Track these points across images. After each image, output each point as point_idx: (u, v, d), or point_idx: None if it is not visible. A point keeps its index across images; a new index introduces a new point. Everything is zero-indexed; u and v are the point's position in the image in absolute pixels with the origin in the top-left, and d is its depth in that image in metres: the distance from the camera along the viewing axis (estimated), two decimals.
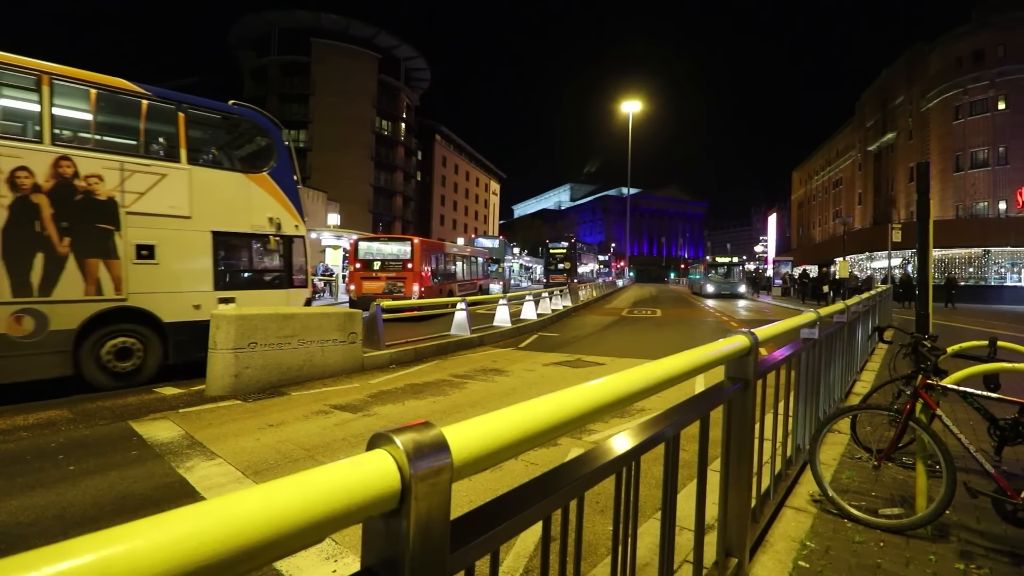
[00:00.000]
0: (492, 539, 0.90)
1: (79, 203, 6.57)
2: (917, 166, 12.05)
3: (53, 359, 6.30)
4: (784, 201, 75.20)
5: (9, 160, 6.07)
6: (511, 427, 0.92)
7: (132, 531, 0.49)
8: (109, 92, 7.01)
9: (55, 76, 6.49)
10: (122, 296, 6.90)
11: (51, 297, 6.35)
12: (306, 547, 0.62)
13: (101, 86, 6.91)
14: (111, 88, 7.01)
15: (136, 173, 7.01)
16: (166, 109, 7.48)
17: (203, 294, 7.66)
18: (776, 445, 2.85)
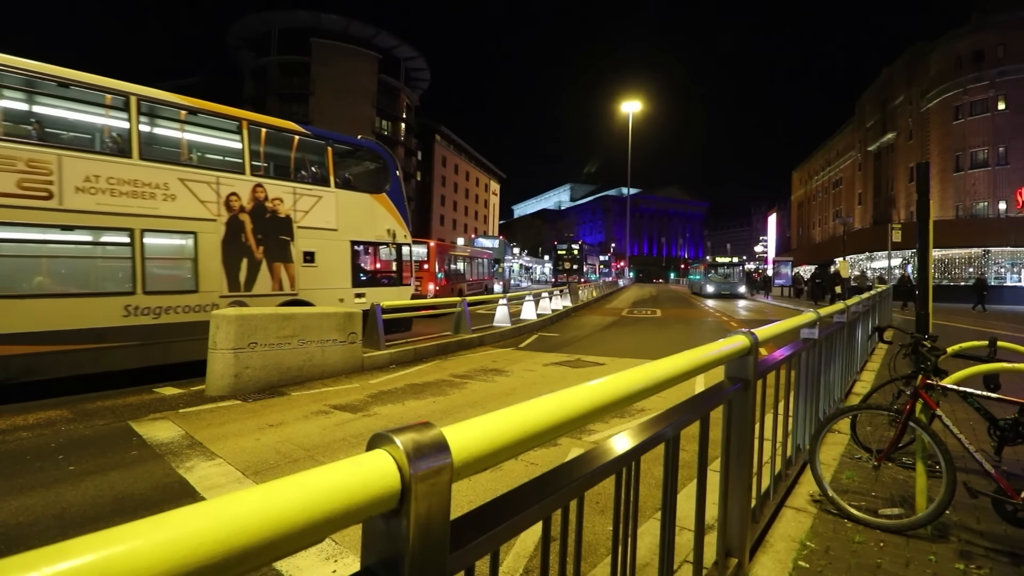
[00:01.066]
0: (492, 539, 0.90)
1: (268, 220, 8.53)
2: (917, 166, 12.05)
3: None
4: (784, 201, 75.22)
5: (225, 188, 7.97)
6: (511, 427, 0.92)
7: (132, 531, 0.49)
8: (284, 132, 9.16)
9: (250, 121, 8.52)
10: (295, 291, 8.88)
11: (252, 292, 8.30)
12: (306, 547, 0.62)
13: (281, 128, 9.11)
14: (286, 129, 9.17)
15: (303, 196, 9.03)
16: (320, 145, 9.59)
17: (344, 290, 9.69)
18: (776, 445, 2.85)
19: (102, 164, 6.86)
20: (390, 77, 49.79)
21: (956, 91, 32.34)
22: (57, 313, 6.30)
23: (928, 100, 34.06)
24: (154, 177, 7.28)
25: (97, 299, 6.79)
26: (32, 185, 6.27)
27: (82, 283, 7.04)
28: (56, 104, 7.36)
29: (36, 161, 6.31)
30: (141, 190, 7.16)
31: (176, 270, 7.82)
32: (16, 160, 6.16)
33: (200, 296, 7.69)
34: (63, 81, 6.81)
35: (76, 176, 6.60)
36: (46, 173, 6.38)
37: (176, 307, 7.44)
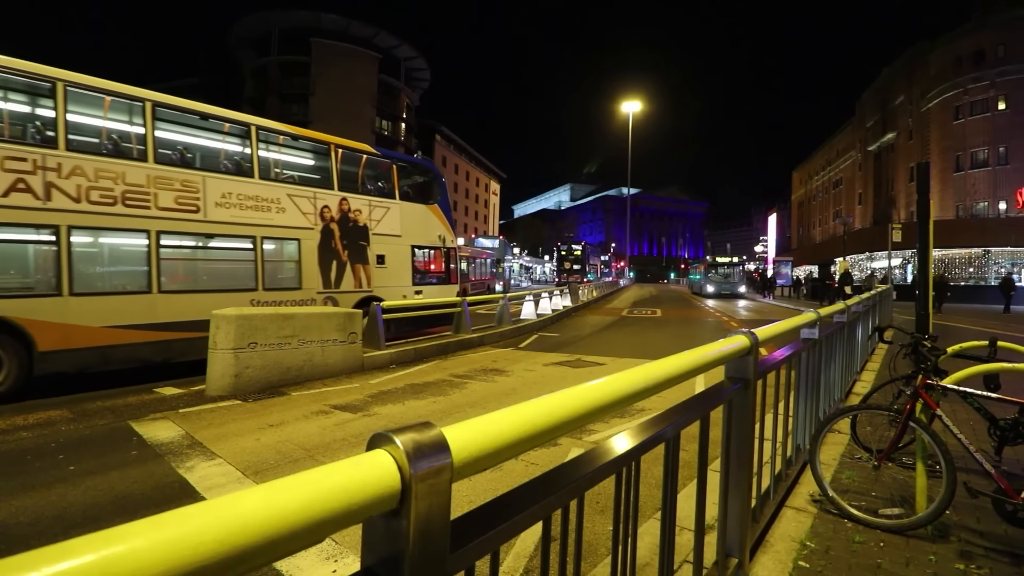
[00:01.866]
0: (492, 539, 0.90)
1: (351, 228, 10.17)
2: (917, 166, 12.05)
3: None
4: (784, 201, 75.19)
5: (320, 201, 9.63)
6: (511, 427, 0.92)
7: (132, 531, 0.49)
8: (361, 153, 10.86)
9: (336, 144, 10.18)
10: (371, 288, 10.54)
11: (339, 289, 9.94)
12: (306, 547, 0.62)
13: (358, 150, 10.76)
14: (362, 151, 10.90)
15: (376, 207, 10.70)
16: (387, 163, 11.47)
17: (406, 287, 11.39)
18: (776, 445, 2.85)
19: (233, 183, 8.41)
20: (390, 77, 49.79)
21: (956, 91, 32.34)
22: (207, 306, 7.27)
23: (928, 100, 34.05)
24: (270, 193, 8.88)
25: (233, 294, 8.24)
26: (185, 201, 7.77)
27: (222, 281, 8.46)
28: (196, 133, 8.71)
29: (188, 182, 7.82)
30: (260, 204, 8.72)
31: (285, 271, 9.32)
32: (174, 181, 7.66)
33: (303, 292, 9.27)
34: (204, 114, 8.39)
35: (215, 194, 8.12)
36: (195, 192, 7.87)
37: (285, 301, 8.93)
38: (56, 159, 6.62)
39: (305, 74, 45.02)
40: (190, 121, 8.43)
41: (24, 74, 6.62)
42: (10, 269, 6.88)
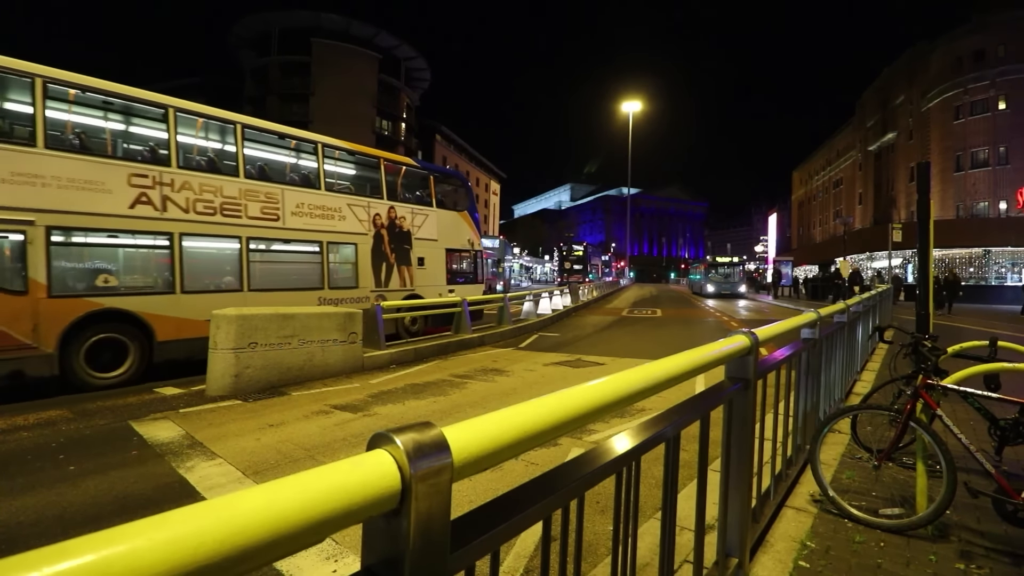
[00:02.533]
0: (492, 539, 0.90)
1: (397, 233, 11.43)
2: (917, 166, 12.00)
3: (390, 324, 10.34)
4: (784, 201, 75.16)
5: (372, 209, 10.91)
6: (511, 427, 0.92)
7: (132, 531, 0.49)
8: (404, 165, 12.29)
9: (384, 158, 11.49)
10: (413, 287, 11.76)
11: (388, 287, 11.16)
12: (306, 547, 0.62)
13: (402, 163, 12.28)
14: (404, 163, 12.44)
15: (417, 214, 11.98)
16: (425, 174, 12.94)
17: (441, 286, 12.62)
18: (776, 445, 2.85)
19: (304, 194, 9.60)
20: (390, 77, 49.76)
21: (957, 91, 32.32)
22: (285, 302, 8.69)
23: (928, 100, 34.04)
24: (333, 203, 10.08)
25: (305, 292, 9.41)
26: (268, 211, 8.93)
27: (296, 281, 9.53)
28: (274, 150, 10.01)
29: (270, 194, 8.99)
30: (326, 213, 9.90)
31: (345, 271, 10.46)
32: (259, 194, 8.80)
33: (359, 291, 10.51)
34: (281, 134, 9.79)
35: (291, 204, 9.30)
36: (276, 203, 9.04)
37: (345, 299, 10.07)
38: (170, 175, 7.68)
39: (305, 74, 44.99)
40: (269, 140, 9.73)
41: (143, 101, 7.76)
42: (135, 271, 7.78)
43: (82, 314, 6.78)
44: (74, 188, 6.80)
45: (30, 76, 6.64)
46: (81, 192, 6.85)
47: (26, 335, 6.30)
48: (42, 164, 6.54)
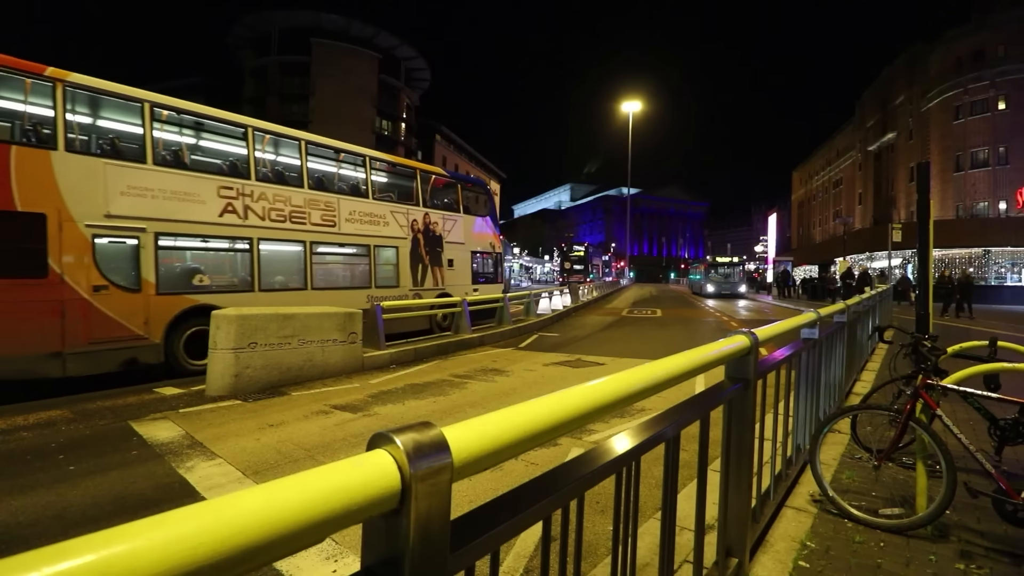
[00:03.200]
0: (492, 539, 0.90)
1: (431, 237, 12.46)
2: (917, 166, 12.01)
3: (423, 320, 11.64)
4: (784, 201, 75.12)
5: (410, 216, 11.96)
6: (511, 427, 0.92)
7: (132, 531, 0.49)
8: (435, 175, 13.44)
9: (419, 168, 12.65)
10: (443, 287, 12.79)
11: (424, 287, 12.21)
12: (306, 547, 0.62)
13: (434, 172, 13.43)
14: (436, 173, 13.57)
15: (447, 220, 13.07)
16: (453, 183, 14.18)
17: (467, 285, 13.68)
18: (776, 445, 2.85)
19: (356, 203, 10.68)
20: (390, 77, 49.75)
21: (956, 91, 32.32)
22: (341, 300, 9.61)
23: (928, 100, 34.05)
24: (379, 210, 11.16)
25: (356, 291, 10.47)
26: (327, 218, 9.98)
27: (349, 280, 10.63)
28: (330, 163, 11.05)
29: (329, 203, 10.04)
30: (372, 219, 10.97)
31: (388, 272, 11.44)
32: (320, 203, 9.86)
33: (399, 289, 11.55)
34: (337, 148, 10.86)
35: (345, 211, 10.35)
36: (333, 210, 10.10)
37: (389, 296, 11.01)
38: (250, 187, 8.67)
39: (305, 74, 44.98)
40: (326, 153, 10.81)
41: (227, 121, 8.85)
42: (222, 271, 8.75)
43: (182, 309, 7.72)
44: (176, 199, 7.74)
45: (139, 101, 7.54)
46: (181, 203, 7.80)
47: (140, 327, 7.26)
48: (150, 178, 7.50)
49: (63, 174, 6.65)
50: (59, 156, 6.66)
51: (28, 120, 6.88)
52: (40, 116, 6.87)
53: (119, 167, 7.17)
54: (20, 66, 6.57)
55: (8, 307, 6.15)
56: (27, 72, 6.66)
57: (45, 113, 6.83)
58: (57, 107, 6.75)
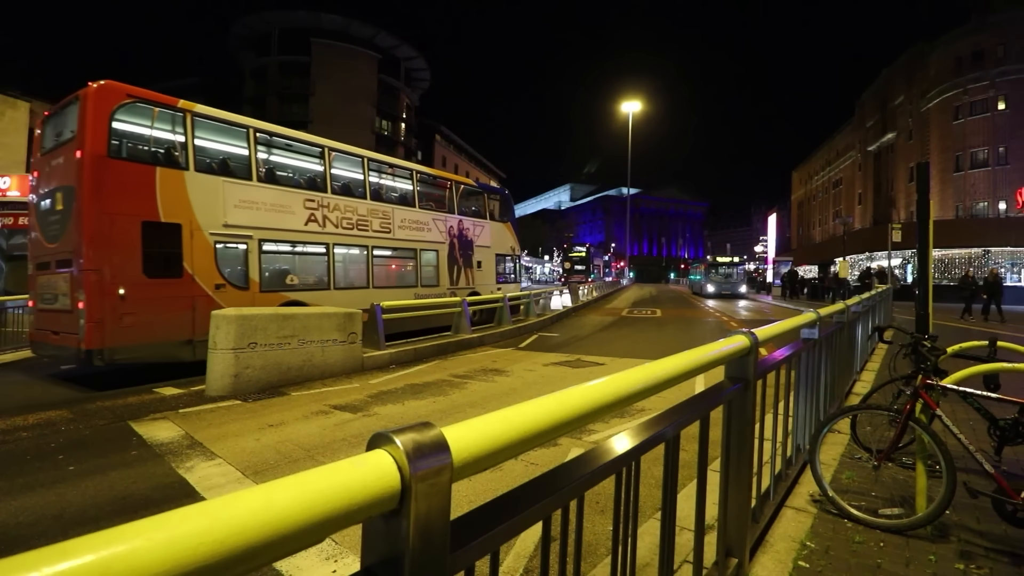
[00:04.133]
0: (492, 539, 0.90)
1: (463, 241, 13.85)
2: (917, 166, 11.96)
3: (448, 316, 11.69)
4: (784, 201, 75.11)
5: (448, 223, 13.33)
6: (511, 427, 0.92)
7: (132, 531, 0.49)
8: (465, 185, 14.82)
9: (452, 180, 14.24)
10: (474, 286, 14.13)
11: (458, 286, 13.48)
12: (306, 547, 0.62)
13: (463, 183, 14.78)
14: (465, 183, 14.95)
15: (476, 225, 14.50)
16: (480, 191, 15.57)
17: (492, 285, 14.96)
18: (776, 445, 2.85)
19: (405, 211, 12.05)
20: (390, 77, 49.74)
21: (956, 91, 32.32)
22: (394, 297, 10.76)
23: (928, 100, 34.05)
24: (423, 218, 12.47)
25: (405, 289, 11.83)
26: (385, 226, 11.35)
27: (399, 280, 12.01)
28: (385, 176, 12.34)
29: (385, 212, 11.41)
30: (418, 226, 12.29)
31: (430, 273, 12.67)
32: (379, 212, 11.24)
33: (439, 288, 12.79)
34: (390, 163, 12.58)
35: (398, 219, 11.69)
36: (388, 219, 11.46)
37: (430, 295, 12.14)
38: (327, 199, 10.01)
39: (305, 74, 44.96)
40: (382, 168, 12.12)
41: (308, 142, 10.20)
42: (306, 272, 9.85)
43: (277, 304, 8.72)
44: (272, 210, 8.97)
45: (245, 127, 8.86)
46: (276, 213, 9.03)
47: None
48: (255, 193, 8.73)
49: (193, 190, 7.82)
50: (190, 175, 7.83)
51: (166, 145, 8.03)
52: (174, 141, 7.99)
53: (233, 183, 8.41)
54: (159, 99, 7.72)
55: (156, 302, 7.29)
56: (164, 104, 7.76)
57: (178, 139, 7.96)
58: (187, 134, 7.92)
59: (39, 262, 7.84)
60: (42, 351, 7.98)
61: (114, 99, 7.18)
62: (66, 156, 7.28)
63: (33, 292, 8.03)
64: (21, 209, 16.62)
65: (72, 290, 6.95)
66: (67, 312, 7.05)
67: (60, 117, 7.75)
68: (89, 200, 6.82)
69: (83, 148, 6.89)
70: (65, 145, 7.41)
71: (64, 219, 7.17)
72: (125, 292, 6.97)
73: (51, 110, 8.05)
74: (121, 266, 6.99)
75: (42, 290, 7.77)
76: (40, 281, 7.81)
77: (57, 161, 7.51)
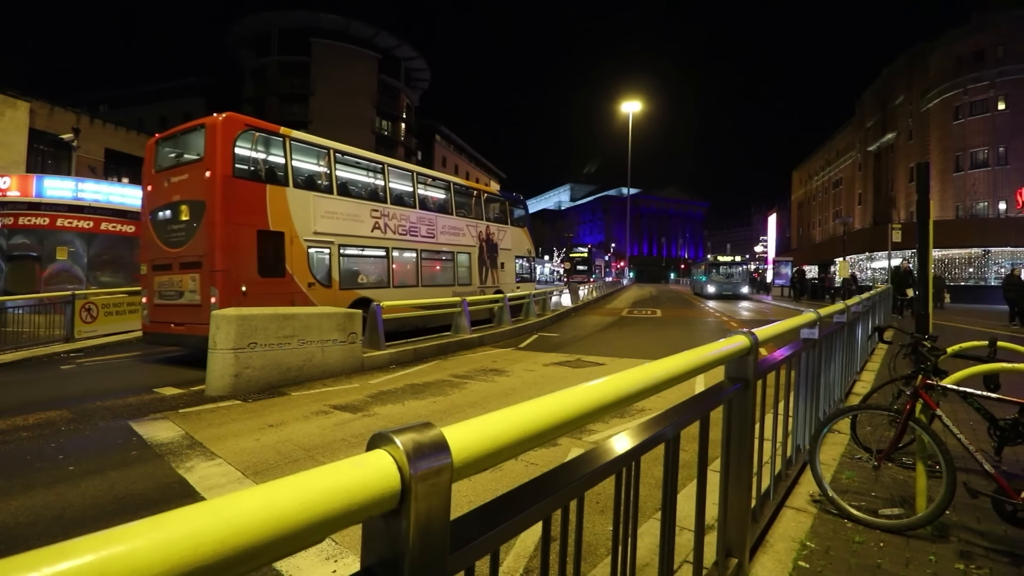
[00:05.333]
0: (492, 539, 0.90)
1: (490, 244, 15.32)
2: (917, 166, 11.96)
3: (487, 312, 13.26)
4: (784, 201, 75.09)
5: (478, 228, 14.80)
6: (511, 427, 0.92)
7: (132, 531, 0.49)
8: (490, 194, 16.68)
9: (479, 190, 15.90)
10: (498, 285, 15.42)
11: (486, 285, 14.93)
12: (306, 547, 0.62)
13: (487, 191, 16.66)
14: (490, 192, 17.02)
15: (500, 230, 15.94)
16: (502, 200, 17.12)
17: (512, 284, 16.28)
18: (776, 445, 2.85)
19: (445, 219, 13.50)
20: (390, 77, 49.73)
21: (956, 91, 32.33)
22: (437, 294, 12.20)
23: (928, 100, 34.06)
24: (458, 224, 14.01)
25: (446, 288, 13.10)
26: (430, 232, 12.86)
27: (442, 279, 13.31)
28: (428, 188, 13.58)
29: (430, 220, 12.92)
30: (455, 231, 13.81)
31: (464, 273, 14.14)
32: (425, 219, 12.73)
33: (471, 288, 14.05)
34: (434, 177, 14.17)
35: (439, 226, 13.20)
36: (432, 226, 12.98)
37: (464, 292, 12.97)
38: (387, 209, 11.55)
39: (305, 74, 44.95)
40: (426, 180, 13.53)
41: (370, 159, 11.88)
42: (370, 273, 11.24)
43: (353, 300, 10.14)
44: (347, 219, 10.47)
45: (327, 148, 10.41)
46: (350, 222, 10.53)
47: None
48: (335, 205, 10.25)
49: (292, 204, 9.26)
50: (289, 191, 9.28)
51: (271, 165, 9.38)
52: (277, 162, 9.41)
53: (319, 197, 9.90)
54: (265, 127, 9.27)
55: (266, 298, 8.42)
56: (270, 131, 9.27)
57: (280, 160, 9.40)
58: (287, 155, 9.39)
59: (157, 264, 9.03)
60: (157, 340, 9.25)
61: (236, 128, 8.50)
62: (192, 174, 8.52)
63: (148, 289, 9.21)
64: (21, 209, 16.59)
65: (202, 287, 8.18)
66: (195, 306, 8.27)
67: (177, 140, 9.28)
68: (220, 213, 8.11)
69: (213, 169, 8.16)
70: (190, 165, 8.67)
71: (190, 228, 8.40)
72: (246, 289, 8.30)
73: (163, 133, 9.51)
74: (243, 267, 8.33)
75: (161, 287, 8.98)
76: (159, 280, 9.00)
77: (180, 178, 8.73)
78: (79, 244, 17.26)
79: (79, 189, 18.04)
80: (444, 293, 12.62)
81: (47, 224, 16.60)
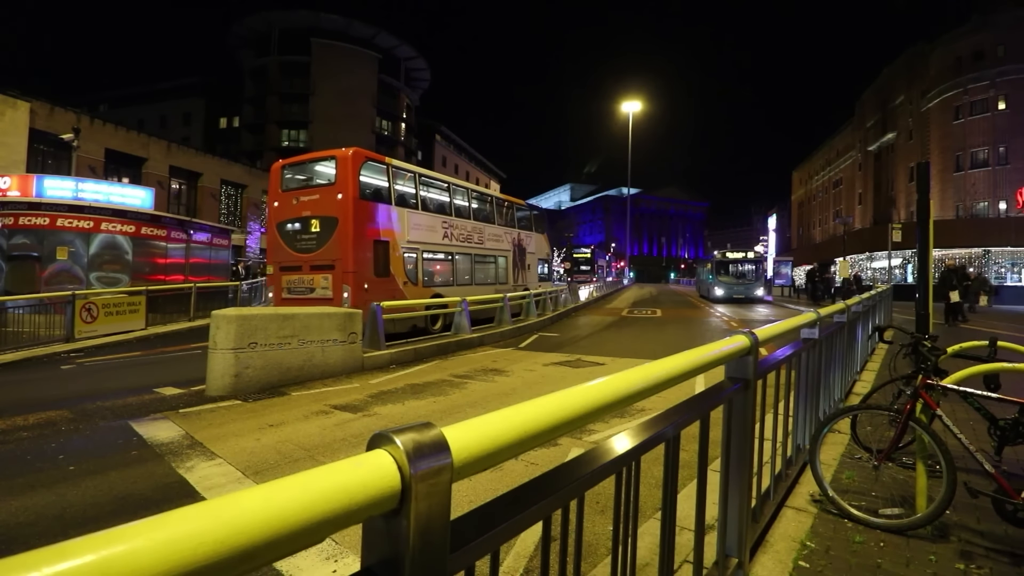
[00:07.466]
0: (492, 539, 0.89)
1: (520, 248, 17.41)
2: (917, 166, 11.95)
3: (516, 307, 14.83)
4: (784, 201, 75.08)
5: (513, 235, 17.06)
6: (511, 427, 0.92)
7: (132, 531, 0.49)
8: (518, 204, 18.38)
9: (509, 200, 17.89)
10: (526, 283, 17.30)
11: (517, 283, 16.72)
12: (306, 547, 0.62)
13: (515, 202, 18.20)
14: (518, 202, 18.41)
15: (527, 236, 18.05)
16: (528, 209, 19.22)
17: (535, 283, 18.20)
18: (776, 445, 2.85)
19: (489, 227, 15.57)
20: (390, 77, 49.76)
21: (956, 91, 32.33)
22: (486, 291, 14.03)
23: (928, 100, 34.06)
24: (497, 231, 16.07)
25: (490, 286, 14.99)
26: (479, 239, 14.93)
27: (487, 279, 15.20)
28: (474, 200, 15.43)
29: (479, 228, 15.02)
30: (495, 238, 15.91)
31: (503, 273, 16.16)
32: (476, 228, 14.84)
33: (508, 286, 15.87)
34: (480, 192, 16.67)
35: (486, 233, 15.34)
36: (481, 233, 15.05)
37: (503, 290, 14.53)
38: (451, 220, 13.69)
39: (305, 74, 44.95)
40: (476, 195, 15.74)
41: (436, 178, 14.11)
42: (440, 273, 13.28)
43: (431, 295, 12.32)
44: (427, 230, 12.63)
45: (413, 172, 12.84)
46: (428, 231, 12.70)
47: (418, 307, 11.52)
48: (419, 218, 12.41)
49: (393, 218, 11.47)
50: (393, 208, 11.52)
51: (380, 188, 11.47)
52: (383, 186, 11.54)
53: (410, 212, 12.06)
54: (377, 158, 11.57)
55: (379, 294, 10.27)
56: (380, 161, 11.60)
57: (385, 184, 11.57)
58: (390, 179, 11.63)
59: (285, 266, 11.17)
60: None
61: (360, 159, 10.77)
62: (323, 195, 10.81)
63: (275, 286, 11.30)
64: (21, 209, 16.58)
65: (335, 284, 10.38)
66: (327, 299, 10.39)
67: (304, 166, 12.03)
68: (353, 227, 10.38)
69: (346, 192, 10.46)
70: (322, 187, 11.04)
71: (321, 238, 10.66)
72: (368, 286, 10.45)
73: (288, 160, 12.22)
74: (366, 269, 10.54)
75: (290, 284, 11.08)
76: (288, 278, 11.11)
77: (310, 198, 10.97)
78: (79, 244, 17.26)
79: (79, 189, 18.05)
80: (489, 291, 14.40)
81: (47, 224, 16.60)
